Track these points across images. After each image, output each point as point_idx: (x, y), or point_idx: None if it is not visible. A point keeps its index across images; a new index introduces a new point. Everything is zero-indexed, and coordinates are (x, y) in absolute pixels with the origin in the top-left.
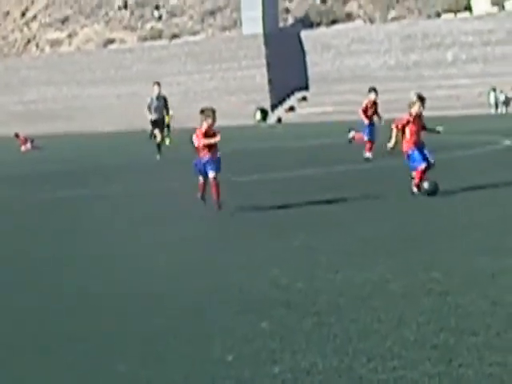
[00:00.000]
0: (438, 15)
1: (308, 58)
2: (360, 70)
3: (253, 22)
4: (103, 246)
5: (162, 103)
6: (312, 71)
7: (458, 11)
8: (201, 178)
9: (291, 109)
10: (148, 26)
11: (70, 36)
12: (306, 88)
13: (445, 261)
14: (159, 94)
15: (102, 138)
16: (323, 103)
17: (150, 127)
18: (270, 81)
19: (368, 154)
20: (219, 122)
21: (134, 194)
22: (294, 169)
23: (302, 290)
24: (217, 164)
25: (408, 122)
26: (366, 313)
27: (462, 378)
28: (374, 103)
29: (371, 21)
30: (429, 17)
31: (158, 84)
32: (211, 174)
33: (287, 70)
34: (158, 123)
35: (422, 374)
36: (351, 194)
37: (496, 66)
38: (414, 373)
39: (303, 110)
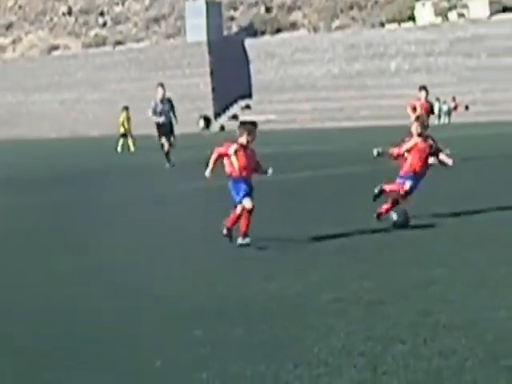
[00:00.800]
0: (382, 25)
1: (252, 67)
2: (304, 79)
3: (197, 30)
4: (34, 258)
5: (168, 106)
6: (256, 79)
7: (402, 21)
8: (239, 208)
9: (234, 117)
10: (92, 32)
11: (14, 42)
12: (250, 96)
13: (377, 271)
14: (164, 96)
15: (44, 144)
16: (266, 111)
17: (156, 133)
18: (213, 89)
19: None
20: None
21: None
22: None
23: (236, 298)
24: (251, 189)
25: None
26: (297, 320)
27: None
28: (427, 102)
29: (315, 30)
30: (373, 26)
31: (162, 86)
32: (250, 203)
33: (231, 78)
34: (165, 128)
35: (346, 380)
36: (298, 203)
37: (439, 76)
38: (338, 380)
39: (246, 118)
